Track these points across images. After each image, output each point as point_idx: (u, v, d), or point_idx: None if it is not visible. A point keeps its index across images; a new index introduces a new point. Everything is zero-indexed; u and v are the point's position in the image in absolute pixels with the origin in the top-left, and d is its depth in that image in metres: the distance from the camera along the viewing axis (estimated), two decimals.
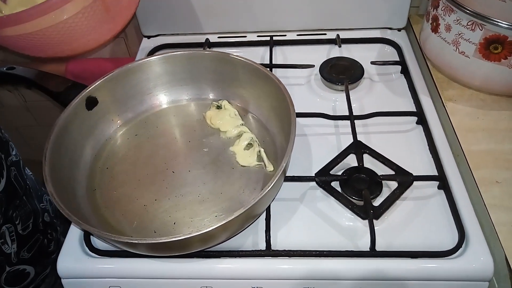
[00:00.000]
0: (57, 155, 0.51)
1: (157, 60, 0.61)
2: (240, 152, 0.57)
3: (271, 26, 0.78)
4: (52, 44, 0.58)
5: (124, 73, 0.60)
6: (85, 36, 0.59)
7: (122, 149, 0.60)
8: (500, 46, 0.54)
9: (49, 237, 0.64)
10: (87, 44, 0.62)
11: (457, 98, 0.62)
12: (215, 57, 0.61)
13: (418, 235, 0.50)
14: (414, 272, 0.47)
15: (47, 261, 0.64)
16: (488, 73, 0.58)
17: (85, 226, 0.44)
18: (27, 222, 0.59)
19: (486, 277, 0.47)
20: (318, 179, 0.53)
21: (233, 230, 0.47)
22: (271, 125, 0.59)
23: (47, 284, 0.65)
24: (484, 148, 0.55)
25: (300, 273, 0.48)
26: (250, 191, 0.53)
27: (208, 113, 0.63)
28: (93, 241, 0.51)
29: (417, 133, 0.61)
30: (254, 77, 0.59)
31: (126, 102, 0.62)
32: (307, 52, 0.75)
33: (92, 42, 0.63)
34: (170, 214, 0.52)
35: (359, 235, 0.50)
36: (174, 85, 0.64)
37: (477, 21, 0.54)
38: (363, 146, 0.56)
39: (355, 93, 0.67)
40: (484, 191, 0.51)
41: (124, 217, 0.52)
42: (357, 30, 0.77)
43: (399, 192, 0.52)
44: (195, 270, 0.48)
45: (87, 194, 0.54)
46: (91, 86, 0.57)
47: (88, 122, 0.58)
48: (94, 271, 0.49)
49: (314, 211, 0.53)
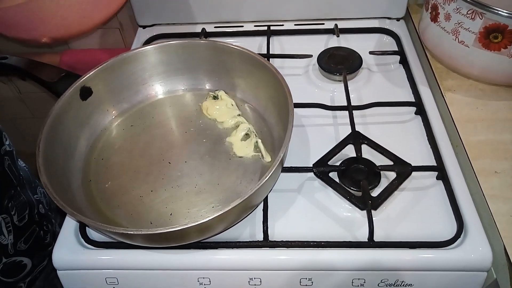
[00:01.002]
0: (51, 146, 0.50)
1: (152, 50, 0.60)
2: (237, 142, 0.57)
3: (269, 16, 0.77)
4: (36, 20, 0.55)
5: (119, 63, 0.59)
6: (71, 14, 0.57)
7: (117, 140, 0.59)
8: (500, 35, 0.54)
9: (45, 229, 0.64)
10: (81, 24, 0.60)
11: (456, 88, 0.61)
12: (211, 46, 0.60)
13: (417, 225, 0.49)
14: (412, 263, 0.47)
15: (44, 253, 0.64)
16: (488, 62, 0.57)
17: (80, 217, 0.43)
18: (23, 213, 0.59)
19: (485, 268, 0.47)
20: (316, 169, 0.53)
21: (230, 221, 0.47)
22: (268, 115, 0.59)
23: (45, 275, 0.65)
24: (483, 138, 0.55)
25: (298, 264, 0.48)
26: (247, 182, 0.53)
27: (205, 103, 0.62)
28: (88, 233, 0.51)
29: (415, 124, 0.60)
30: (251, 66, 0.58)
31: (121, 92, 0.61)
32: (305, 42, 0.74)
33: (82, 23, 0.61)
34: (167, 205, 0.51)
35: (357, 226, 0.50)
36: (170, 75, 0.63)
37: (477, 10, 0.54)
38: (361, 137, 0.56)
39: (354, 83, 0.66)
40: (483, 182, 0.50)
41: (120, 208, 0.51)
42: (356, 20, 0.76)
43: (397, 182, 0.51)
44: (192, 261, 0.48)
45: (82, 186, 0.53)
46: (85, 76, 0.56)
47: (82, 113, 0.57)
48: (90, 262, 0.49)
49: (312, 202, 0.52)
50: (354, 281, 0.48)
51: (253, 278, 0.49)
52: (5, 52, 0.66)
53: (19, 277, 0.60)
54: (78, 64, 0.89)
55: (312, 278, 0.48)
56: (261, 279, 0.49)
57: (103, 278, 0.50)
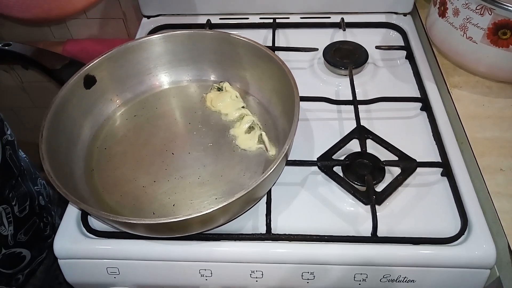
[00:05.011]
0: (54, 134, 0.50)
1: (157, 39, 0.60)
2: (241, 135, 0.56)
3: (274, 8, 0.76)
4: None
5: (124, 52, 0.58)
6: None
7: (121, 130, 0.58)
8: (509, 31, 0.53)
9: (45, 221, 0.64)
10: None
11: (462, 85, 0.61)
12: (217, 37, 0.59)
13: (420, 221, 0.49)
14: (415, 259, 0.46)
15: (43, 245, 0.64)
16: (495, 59, 0.57)
17: (83, 206, 0.43)
18: (24, 204, 0.59)
19: (488, 265, 0.46)
20: (320, 163, 0.53)
21: (233, 213, 0.47)
22: (273, 108, 0.58)
23: (46, 266, 0.65)
24: (489, 135, 0.54)
25: (300, 258, 0.47)
26: (251, 175, 0.52)
27: (209, 95, 0.61)
28: (90, 222, 0.50)
29: (421, 120, 0.60)
30: (257, 58, 0.57)
31: (125, 82, 0.61)
32: (310, 36, 0.73)
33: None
34: (170, 196, 0.51)
35: (361, 221, 0.49)
36: (174, 66, 0.62)
37: (486, 5, 0.53)
38: (366, 131, 0.55)
39: (359, 78, 0.65)
40: (488, 179, 0.50)
41: (122, 198, 0.51)
42: (362, 14, 0.75)
43: (402, 178, 0.51)
44: (194, 253, 0.48)
45: (84, 175, 0.53)
46: (90, 64, 0.56)
47: (86, 101, 0.57)
48: (91, 252, 0.49)
49: (315, 195, 0.52)
50: (356, 276, 0.48)
51: (255, 271, 0.48)
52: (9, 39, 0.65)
53: (17, 269, 0.60)
54: (80, 53, 0.88)
55: (314, 272, 0.48)
56: (263, 272, 0.48)
57: (104, 268, 0.49)
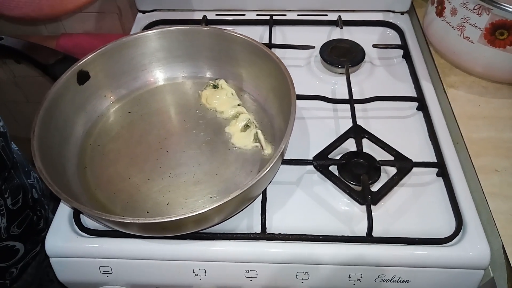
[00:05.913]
0: (46, 130, 0.49)
1: (153, 35, 0.59)
2: (237, 133, 0.56)
3: (271, 5, 0.75)
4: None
5: (118, 47, 0.58)
6: None
7: (114, 127, 0.58)
8: (506, 32, 0.53)
9: (38, 214, 0.63)
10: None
11: (459, 85, 0.61)
12: (213, 33, 0.59)
13: (416, 221, 0.49)
14: (410, 259, 0.46)
15: (37, 238, 0.63)
16: (492, 59, 0.56)
17: (75, 204, 0.42)
18: (17, 197, 0.58)
19: (482, 266, 0.46)
20: (316, 162, 0.52)
21: (228, 212, 0.46)
22: (269, 106, 0.58)
23: (37, 262, 0.64)
24: (485, 136, 0.54)
25: (295, 257, 0.47)
26: (246, 173, 0.52)
27: (204, 92, 0.61)
28: (83, 220, 0.50)
29: (417, 119, 0.60)
30: (254, 55, 0.57)
31: (119, 78, 0.60)
32: (307, 33, 0.73)
33: None
34: (164, 195, 0.50)
35: (356, 221, 0.49)
36: (170, 62, 0.62)
37: (484, 5, 0.53)
38: (362, 131, 0.55)
39: (356, 76, 0.65)
40: (483, 179, 0.50)
41: (115, 196, 0.50)
42: (359, 12, 0.75)
43: (397, 178, 0.51)
44: (188, 252, 0.47)
45: (77, 172, 0.52)
46: (83, 60, 0.55)
47: (79, 97, 0.56)
48: (83, 250, 0.48)
49: (310, 195, 0.52)
50: (351, 276, 0.48)
51: (249, 270, 0.48)
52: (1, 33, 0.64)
53: (11, 262, 0.59)
54: (74, 48, 0.87)
55: (309, 272, 0.48)
56: (257, 272, 0.48)
57: (97, 267, 0.49)
